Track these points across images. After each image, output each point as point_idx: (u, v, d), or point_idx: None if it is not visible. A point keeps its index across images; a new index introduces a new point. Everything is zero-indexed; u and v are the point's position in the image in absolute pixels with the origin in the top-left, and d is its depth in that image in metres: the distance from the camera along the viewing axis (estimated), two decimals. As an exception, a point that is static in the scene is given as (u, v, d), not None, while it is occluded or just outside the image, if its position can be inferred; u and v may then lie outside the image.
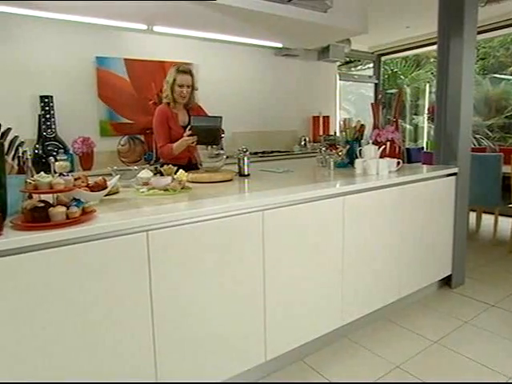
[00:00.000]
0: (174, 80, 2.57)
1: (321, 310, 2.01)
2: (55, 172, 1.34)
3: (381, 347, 2.08)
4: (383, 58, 6.15)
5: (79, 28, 3.44)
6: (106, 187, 1.79)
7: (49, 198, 1.40)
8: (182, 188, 1.98)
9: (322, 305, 2.01)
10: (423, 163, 3.95)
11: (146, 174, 2.05)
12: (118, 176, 1.86)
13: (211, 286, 1.59)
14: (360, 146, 2.84)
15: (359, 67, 7.70)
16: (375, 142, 2.65)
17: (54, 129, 3.33)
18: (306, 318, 1.94)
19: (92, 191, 1.70)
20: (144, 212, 1.52)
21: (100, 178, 1.80)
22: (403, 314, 2.42)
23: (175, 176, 2.05)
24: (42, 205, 1.31)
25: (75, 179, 1.42)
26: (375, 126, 2.89)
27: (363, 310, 2.22)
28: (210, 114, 2.67)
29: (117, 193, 2.00)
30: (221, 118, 2.40)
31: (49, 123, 3.30)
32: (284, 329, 1.86)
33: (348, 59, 6.14)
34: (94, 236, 1.31)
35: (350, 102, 7.21)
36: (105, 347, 1.36)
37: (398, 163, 2.54)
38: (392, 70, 7.23)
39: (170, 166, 2.11)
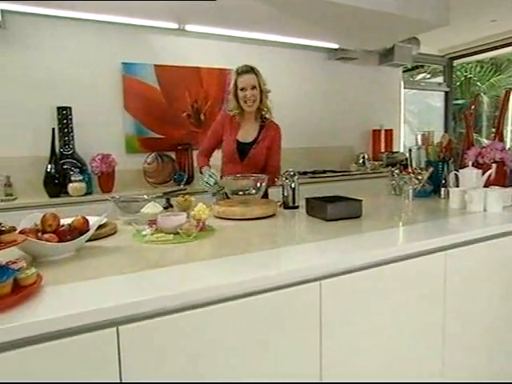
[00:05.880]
0: (235, 84, 2.07)
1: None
2: None
3: None
4: (455, 63, 5.26)
5: (103, 31, 3.01)
6: (88, 230, 1.22)
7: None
8: (200, 230, 1.38)
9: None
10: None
11: (152, 208, 1.47)
12: (104, 215, 1.28)
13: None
14: (449, 168, 2.11)
15: (421, 75, 6.81)
16: (475, 164, 1.90)
17: (73, 145, 2.89)
18: None
19: (61, 240, 1.14)
20: (120, 287, 0.92)
21: (79, 217, 1.24)
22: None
23: (192, 212, 1.45)
24: None
25: (8, 231, 0.85)
26: (470, 143, 2.13)
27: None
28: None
29: (113, 234, 1.44)
30: (361, 202, 1.63)
31: (66, 138, 2.86)
32: None
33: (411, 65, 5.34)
34: (17, 341, 0.72)
35: (412, 113, 6.34)
36: None
37: (514, 195, 1.77)
38: (465, 75, 6.26)
39: (187, 197, 1.53)
